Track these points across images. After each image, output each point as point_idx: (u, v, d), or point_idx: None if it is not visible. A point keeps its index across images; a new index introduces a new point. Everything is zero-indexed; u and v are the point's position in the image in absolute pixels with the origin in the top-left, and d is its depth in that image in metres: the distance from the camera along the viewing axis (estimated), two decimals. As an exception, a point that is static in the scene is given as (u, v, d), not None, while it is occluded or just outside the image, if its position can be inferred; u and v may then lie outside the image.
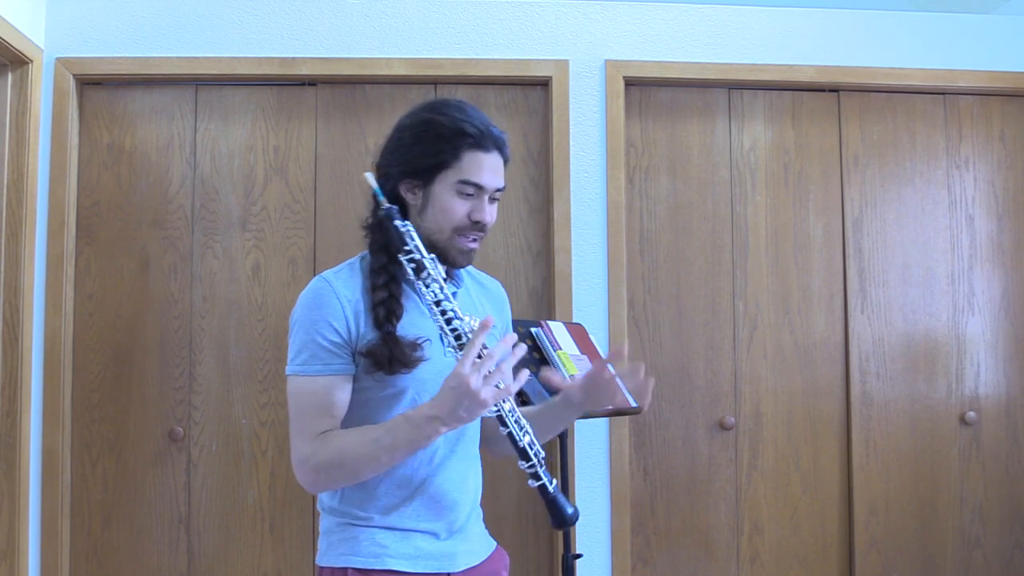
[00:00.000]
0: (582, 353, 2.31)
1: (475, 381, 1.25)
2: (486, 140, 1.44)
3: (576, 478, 2.72)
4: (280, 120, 2.81)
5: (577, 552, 2.33)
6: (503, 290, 1.69)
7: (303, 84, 2.82)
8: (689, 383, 2.86)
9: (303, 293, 1.45)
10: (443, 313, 1.34)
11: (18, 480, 2.54)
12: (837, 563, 2.88)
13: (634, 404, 2.27)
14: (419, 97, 2.84)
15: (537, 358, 2.19)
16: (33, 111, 2.63)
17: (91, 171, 2.76)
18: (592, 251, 2.80)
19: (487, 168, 1.44)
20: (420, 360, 1.40)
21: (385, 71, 2.77)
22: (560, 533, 2.62)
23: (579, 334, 2.40)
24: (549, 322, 2.33)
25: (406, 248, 1.36)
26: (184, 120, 2.79)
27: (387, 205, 1.37)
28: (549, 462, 2.93)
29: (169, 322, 2.74)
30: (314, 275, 1.48)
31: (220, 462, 2.73)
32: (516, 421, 1.37)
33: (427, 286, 1.35)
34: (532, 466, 1.38)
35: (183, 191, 2.78)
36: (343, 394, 1.41)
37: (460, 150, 1.43)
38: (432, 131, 1.45)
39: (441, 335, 1.38)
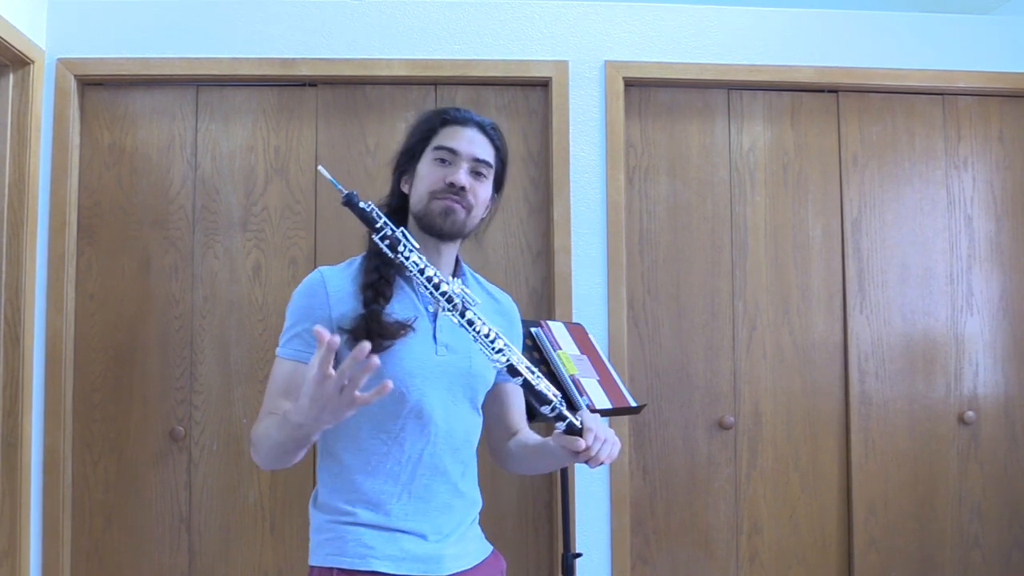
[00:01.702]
0: (582, 353, 2.32)
1: (329, 396, 1.21)
2: (465, 119, 1.54)
3: (576, 477, 2.73)
4: (281, 120, 2.82)
5: (577, 551, 2.34)
6: (515, 305, 1.71)
7: (303, 85, 2.83)
8: (688, 383, 2.87)
9: (301, 283, 1.53)
10: (429, 280, 1.37)
11: (19, 480, 2.55)
12: (836, 562, 2.89)
13: (633, 404, 2.28)
14: (419, 98, 2.84)
15: (537, 358, 2.20)
16: (34, 111, 2.64)
17: (92, 171, 2.77)
18: (592, 251, 2.81)
19: (462, 137, 1.52)
20: (403, 332, 1.42)
21: (385, 72, 2.77)
22: (561, 533, 2.63)
23: (579, 334, 2.40)
24: (549, 322, 2.33)
25: (376, 226, 1.36)
26: (185, 121, 2.80)
27: (346, 191, 1.36)
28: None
29: (170, 322, 2.75)
30: None
31: (221, 462, 2.73)
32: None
33: (407, 259, 1.37)
34: (554, 407, 1.39)
35: (184, 191, 2.78)
36: None
37: (437, 125, 1.54)
38: (417, 119, 1.61)
39: (431, 303, 1.44)
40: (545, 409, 1.38)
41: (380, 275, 1.45)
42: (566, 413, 1.38)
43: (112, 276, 2.75)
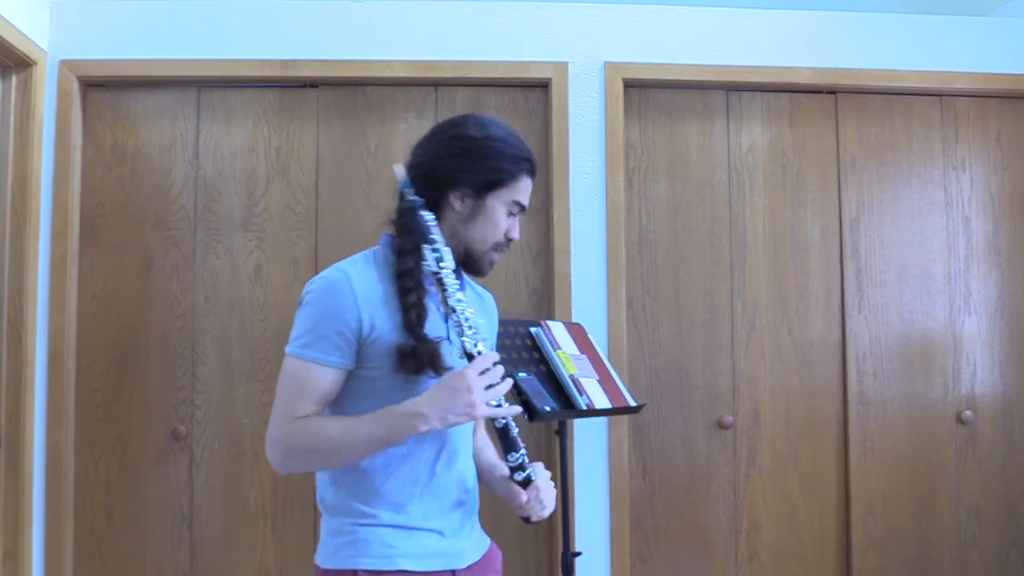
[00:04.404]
0: (581, 352, 2.33)
1: (478, 389, 1.34)
2: (536, 169, 1.60)
3: (576, 477, 2.74)
4: (282, 122, 2.83)
5: (576, 550, 2.35)
6: (494, 303, 1.75)
7: (304, 86, 2.84)
8: (688, 382, 2.88)
9: (319, 279, 1.47)
10: (459, 302, 1.43)
11: (22, 479, 2.56)
12: (834, 561, 2.90)
13: (633, 403, 2.30)
14: (420, 99, 2.86)
15: (537, 358, 2.21)
16: (37, 113, 2.65)
17: (94, 172, 2.78)
18: (591, 252, 2.82)
19: (528, 192, 1.60)
20: (445, 372, 1.44)
21: (386, 73, 2.79)
22: (560, 531, 2.64)
23: (578, 334, 2.42)
24: (549, 322, 2.35)
25: (432, 237, 1.44)
26: (187, 122, 2.81)
27: (412, 197, 1.44)
28: (550, 461, 2.94)
29: (172, 322, 2.76)
30: (316, 275, 1.50)
31: (222, 461, 2.74)
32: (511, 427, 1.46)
33: (445, 277, 1.43)
34: (519, 457, 1.47)
35: (186, 192, 2.80)
36: (332, 386, 1.44)
37: (520, 172, 1.56)
38: (499, 151, 1.53)
39: (450, 326, 1.47)
40: (512, 456, 1.47)
41: (419, 295, 1.44)
42: (527, 465, 1.49)
43: (114, 276, 2.76)
